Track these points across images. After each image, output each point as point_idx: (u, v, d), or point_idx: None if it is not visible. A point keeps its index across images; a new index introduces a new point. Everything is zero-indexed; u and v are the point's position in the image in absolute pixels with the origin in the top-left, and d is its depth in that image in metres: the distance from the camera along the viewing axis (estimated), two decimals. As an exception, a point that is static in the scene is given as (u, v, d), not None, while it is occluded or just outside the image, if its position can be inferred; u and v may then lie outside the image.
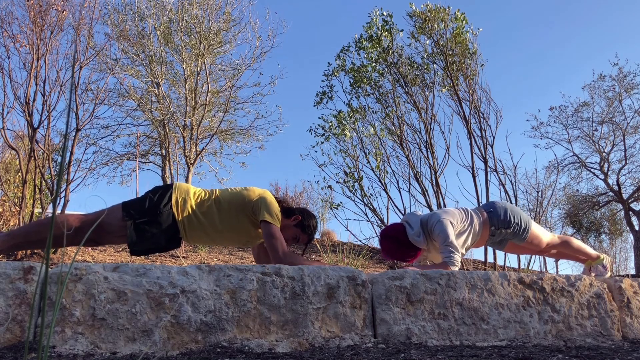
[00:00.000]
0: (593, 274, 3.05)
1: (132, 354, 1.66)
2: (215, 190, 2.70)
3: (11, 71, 4.39)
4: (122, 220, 2.48)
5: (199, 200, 2.61)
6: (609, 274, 3.08)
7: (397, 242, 2.83)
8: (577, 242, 3.10)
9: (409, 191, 5.73)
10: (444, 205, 5.40)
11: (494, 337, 2.14)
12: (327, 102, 6.45)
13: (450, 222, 2.75)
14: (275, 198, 2.74)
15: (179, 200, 2.56)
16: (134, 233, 2.47)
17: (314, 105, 6.49)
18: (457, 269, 2.66)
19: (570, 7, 23.60)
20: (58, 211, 4.55)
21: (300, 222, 2.73)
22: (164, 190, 2.59)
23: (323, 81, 6.45)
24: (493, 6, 23.10)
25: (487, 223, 2.90)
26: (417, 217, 2.86)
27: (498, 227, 2.89)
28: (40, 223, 2.56)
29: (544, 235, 3.02)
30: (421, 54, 6.10)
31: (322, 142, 6.26)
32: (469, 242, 2.85)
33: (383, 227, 3.00)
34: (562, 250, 3.12)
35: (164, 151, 9.77)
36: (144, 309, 1.76)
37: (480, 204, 3.22)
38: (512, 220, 2.89)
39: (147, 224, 2.49)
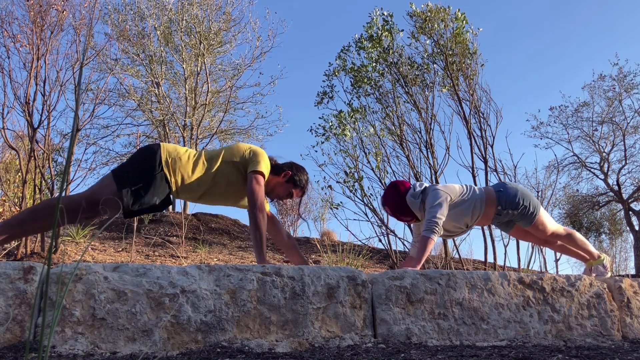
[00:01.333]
0: (593, 274, 3.06)
1: (132, 354, 1.66)
2: (204, 149, 2.72)
3: (11, 71, 4.39)
4: (117, 192, 2.50)
5: (188, 159, 2.63)
6: (609, 274, 3.08)
7: (398, 195, 2.90)
8: (581, 237, 3.12)
9: (409, 191, 5.72)
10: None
11: (494, 337, 2.14)
12: (327, 102, 6.45)
13: (445, 193, 2.81)
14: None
15: (169, 161, 2.58)
16: (130, 199, 2.50)
17: (315, 105, 6.49)
18: (436, 237, 2.71)
19: (570, 7, 23.59)
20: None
21: (291, 177, 2.76)
22: (152, 154, 2.58)
23: (324, 81, 6.45)
24: (493, 6, 23.09)
25: (494, 202, 2.92)
26: (423, 184, 2.95)
27: (505, 208, 2.91)
28: (35, 210, 2.54)
29: (551, 223, 3.03)
30: (421, 53, 6.10)
31: (322, 142, 6.26)
32: (468, 216, 2.88)
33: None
34: (566, 243, 3.12)
35: (164, 151, 9.74)
36: (144, 309, 1.76)
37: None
38: (521, 203, 2.90)
39: (141, 188, 2.52)
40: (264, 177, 2.62)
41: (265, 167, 2.64)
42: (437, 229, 2.71)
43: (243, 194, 2.72)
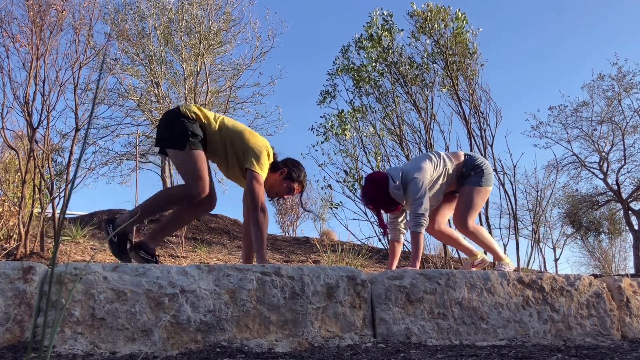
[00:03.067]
0: (473, 268, 3.18)
1: (131, 354, 1.66)
2: (223, 118, 2.78)
3: (10, 71, 4.38)
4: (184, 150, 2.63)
5: (207, 120, 2.72)
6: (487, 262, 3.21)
7: (380, 190, 2.91)
8: (488, 236, 3.18)
9: (409, 191, 5.72)
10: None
11: (494, 336, 2.14)
12: (330, 101, 6.44)
13: (424, 178, 2.86)
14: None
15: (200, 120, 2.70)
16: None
17: (318, 104, 6.49)
18: (424, 229, 2.79)
19: (570, 6, 23.60)
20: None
21: (288, 174, 2.80)
22: (181, 119, 2.65)
23: (327, 80, 6.45)
24: (493, 6, 23.11)
25: (461, 165, 3.06)
26: (398, 171, 2.96)
27: (468, 170, 3.04)
28: (173, 201, 2.70)
29: (479, 206, 3.08)
30: (421, 53, 6.09)
31: (322, 142, 6.26)
32: (445, 187, 3.02)
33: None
34: (475, 233, 3.13)
35: (163, 151, 9.74)
36: (143, 308, 1.76)
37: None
38: (480, 166, 3.04)
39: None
40: (263, 175, 2.66)
41: (264, 167, 2.67)
42: (425, 221, 2.79)
43: (236, 176, 2.81)
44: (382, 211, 3.02)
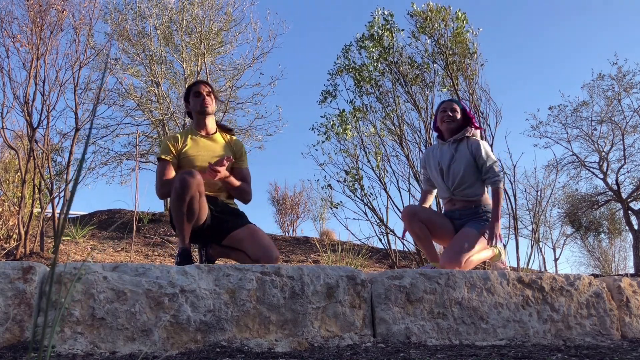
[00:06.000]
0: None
1: (131, 354, 1.66)
2: None
3: (11, 71, 4.37)
4: None
5: None
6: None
7: (468, 112, 3.17)
8: None
9: (409, 191, 5.73)
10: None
11: (493, 336, 2.14)
12: (330, 101, 6.44)
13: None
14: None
15: None
16: None
17: (319, 104, 6.49)
18: (502, 185, 2.99)
19: (570, 6, 23.62)
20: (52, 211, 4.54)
21: (185, 97, 3.05)
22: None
23: (328, 80, 6.45)
24: (494, 6, 23.13)
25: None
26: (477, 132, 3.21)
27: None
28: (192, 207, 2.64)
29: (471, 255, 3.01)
30: (421, 53, 6.09)
31: (323, 142, 6.26)
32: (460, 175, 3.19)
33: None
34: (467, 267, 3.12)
35: (163, 151, 9.75)
36: (143, 308, 1.76)
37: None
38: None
39: None
40: (162, 159, 2.83)
41: (163, 148, 2.87)
42: (502, 177, 2.99)
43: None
44: (454, 118, 3.12)
